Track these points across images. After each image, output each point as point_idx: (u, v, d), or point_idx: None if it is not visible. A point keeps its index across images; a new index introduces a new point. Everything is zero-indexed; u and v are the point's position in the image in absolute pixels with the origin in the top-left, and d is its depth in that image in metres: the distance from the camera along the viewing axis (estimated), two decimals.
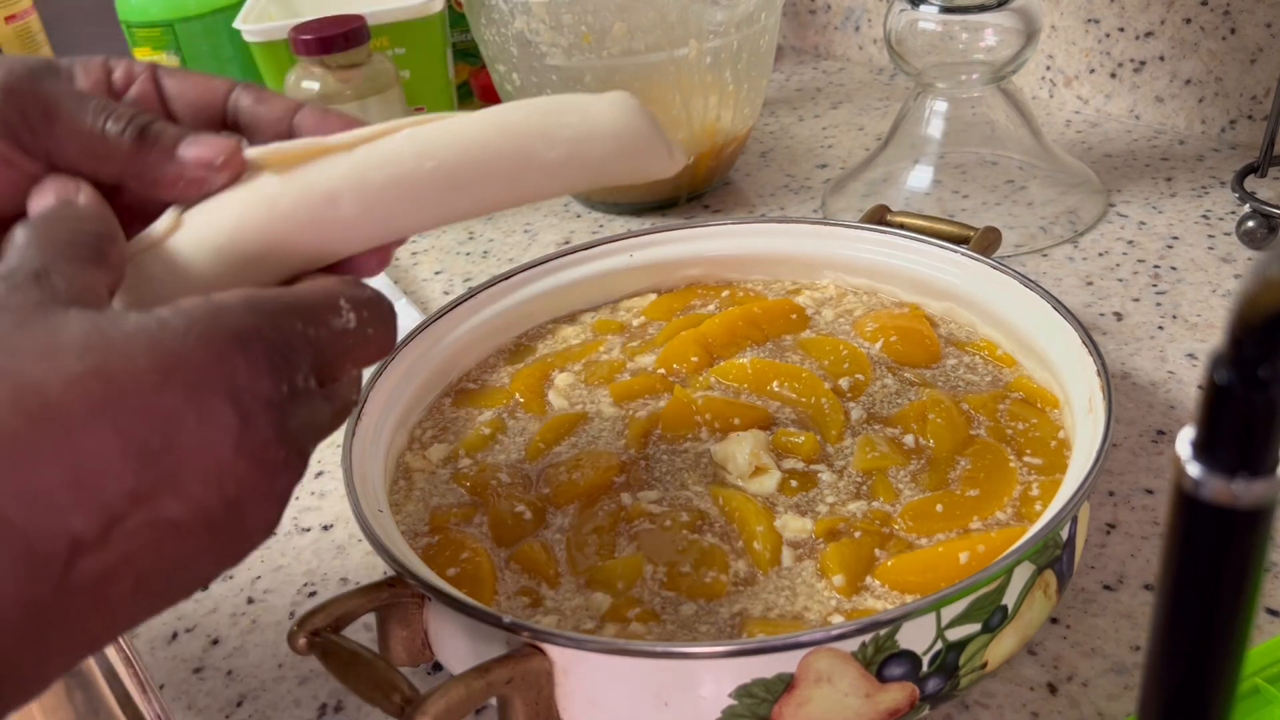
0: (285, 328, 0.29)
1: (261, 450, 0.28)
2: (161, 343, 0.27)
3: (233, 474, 0.27)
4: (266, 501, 0.29)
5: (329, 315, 0.31)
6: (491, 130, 0.35)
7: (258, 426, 0.28)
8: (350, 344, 0.32)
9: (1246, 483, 0.19)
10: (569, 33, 0.72)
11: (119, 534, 0.26)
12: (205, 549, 0.28)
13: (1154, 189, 0.76)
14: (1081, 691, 0.41)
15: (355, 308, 0.32)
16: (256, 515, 0.29)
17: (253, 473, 0.28)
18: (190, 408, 0.26)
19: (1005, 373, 0.52)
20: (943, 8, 0.69)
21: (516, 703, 0.37)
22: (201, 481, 0.27)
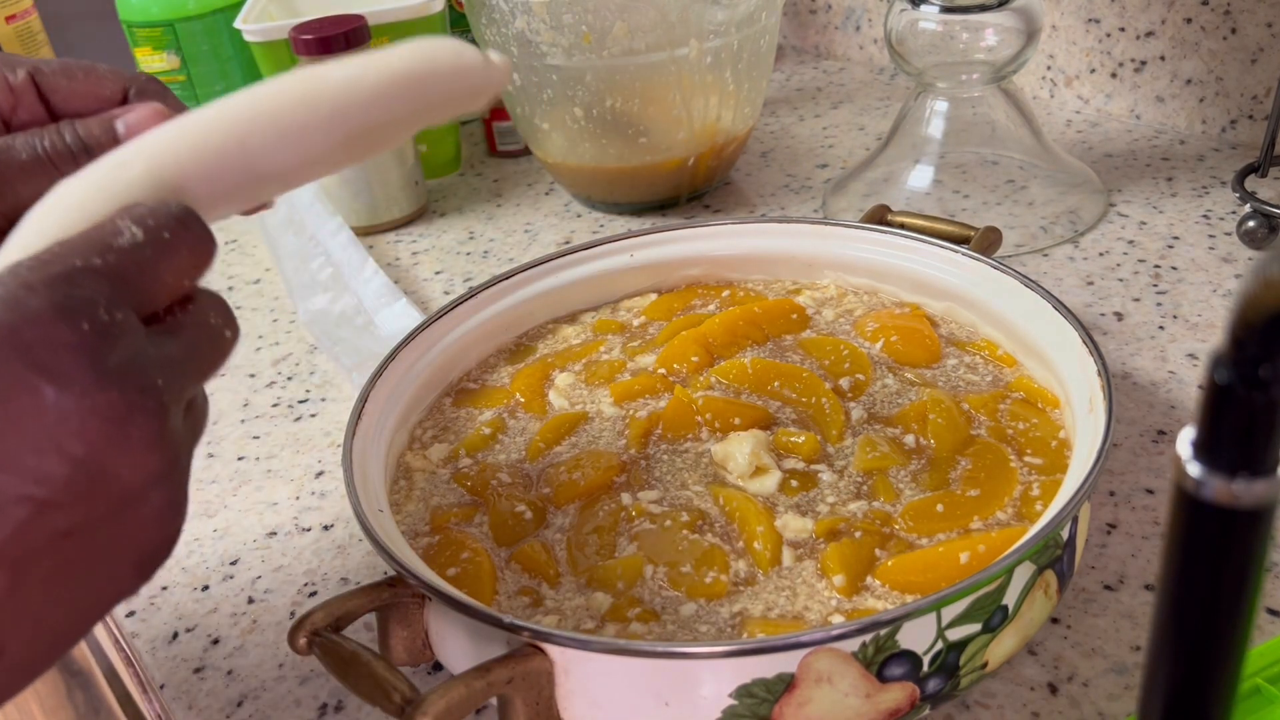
0: (64, 268, 0.27)
1: (84, 399, 0.26)
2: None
3: (65, 432, 0.26)
4: (131, 450, 0.27)
5: (108, 238, 0.29)
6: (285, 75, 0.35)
7: (68, 377, 0.26)
8: (149, 255, 0.29)
9: (1247, 482, 0.19)
10: (569, 32, 0.72)
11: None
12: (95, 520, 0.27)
13: (1154, 189, 0.76)
14: (1082, 691, 0.41)
15: (137, 221, 0.30)
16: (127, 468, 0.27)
17: (87, 425, 0.26)
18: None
19: (1006, 372, 0.52)
20: (943, 7, 0.69)
21: (517, 703, 0.37)
22: (33, 451, 0.25)
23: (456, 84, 0.37)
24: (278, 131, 0.34)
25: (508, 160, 0.96)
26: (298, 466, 0.60)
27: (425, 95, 0.36)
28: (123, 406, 0.27)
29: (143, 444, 0.27)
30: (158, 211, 0.30)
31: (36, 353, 0.26)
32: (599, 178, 0.80)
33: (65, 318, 0.26)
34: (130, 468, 0.27)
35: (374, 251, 0.82)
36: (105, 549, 0.27)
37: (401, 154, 0.84)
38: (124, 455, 0.27)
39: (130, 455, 0.27)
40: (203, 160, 0.33)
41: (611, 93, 0.74)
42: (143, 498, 0.28)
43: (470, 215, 0.87)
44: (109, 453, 0.26)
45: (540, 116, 0.79)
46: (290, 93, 0.34)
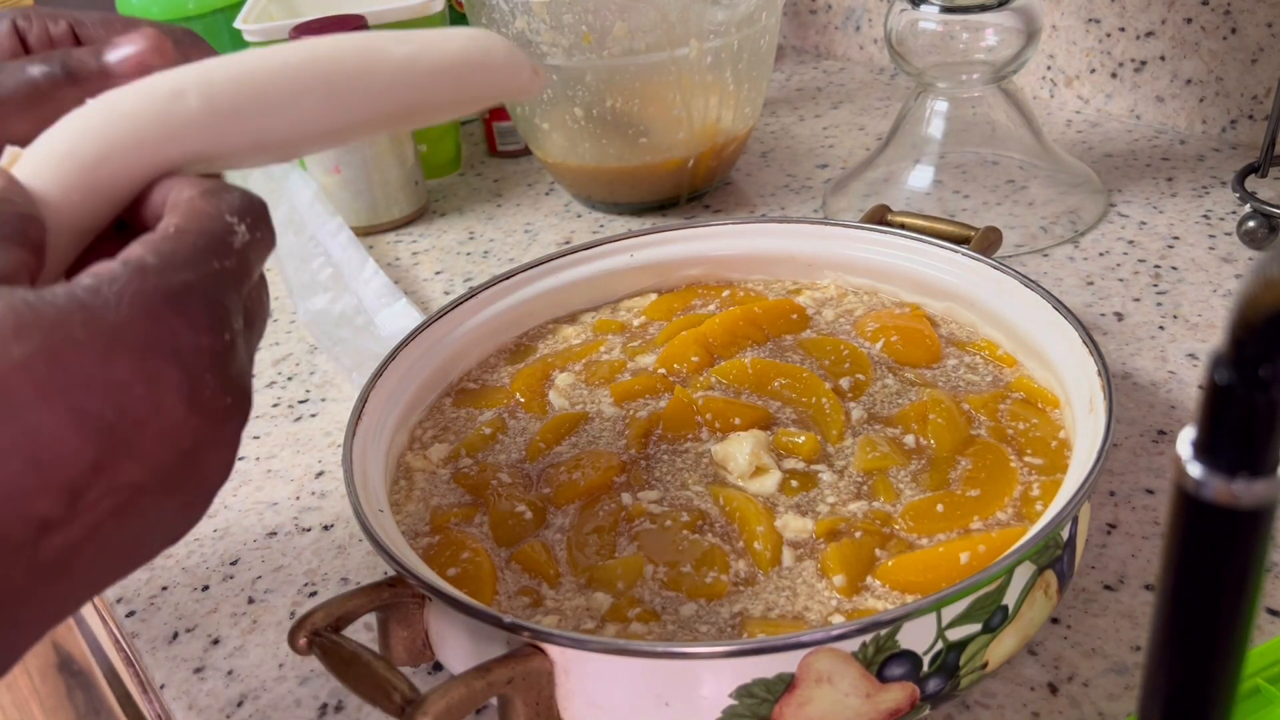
0: (206, 273, 0.29)
1: (210, 403, 0.28)
2: (98, 315, 0.27)
3: (186, 429, 0.28)
4: (219, 448, 0.29)
5: (229, 238, 0.30)
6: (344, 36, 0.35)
7: (205, 382, 0.28)
8: (253, 257, 0.31)
9: (1247, 483, 0.19)
10: (570, 32, 0.72)
11: (83, 506, 0.26)
12: (166, 504, 0.28)
13: (1155, 189, 0.76)
14: (1082, 691, 0.41)
15: (239, 216, 0.31)
16: (212, 463, 0.29)
17: (204, 425, 0.28)
18: (138, 376, 0.27)
19: (1006, 373, 0.52)
20: (943, 7, 0.69)
21: (517, 703, 0.37)
22: (157, 442, 0.27)
23: (503, 84, 0.37)
24: (331, 95, 0.34)
25: (508, 160, 0.96)
26: (298, 466, 0.60)
27: (473, 88, 0.36)
28: (231, 410, 0.29)
29: (229, 441, 0.29)
30: (251, 206, 0.31)
31: (186, 356, 0.28)
32: (599, 178, 0.80)
33: (214, 327, 0.28)
34: (215, 462, 0.29)
35: (374, 251, 0.82)
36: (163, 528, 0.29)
37: (401, 154, 0.84)
38: (215, 451, 0.29)
39: (219, 451, 0.29)
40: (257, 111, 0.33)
41: (611, 93, 0.74)
42: (208, 485, 0.30)
43: (470, 215, 0.87)
44: (207, 448, 0.29)
45: (540, 116, 0.79)
46: (350, 58, 0.34)
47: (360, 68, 0.34)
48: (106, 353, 0.26)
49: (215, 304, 0.29)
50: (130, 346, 0.27)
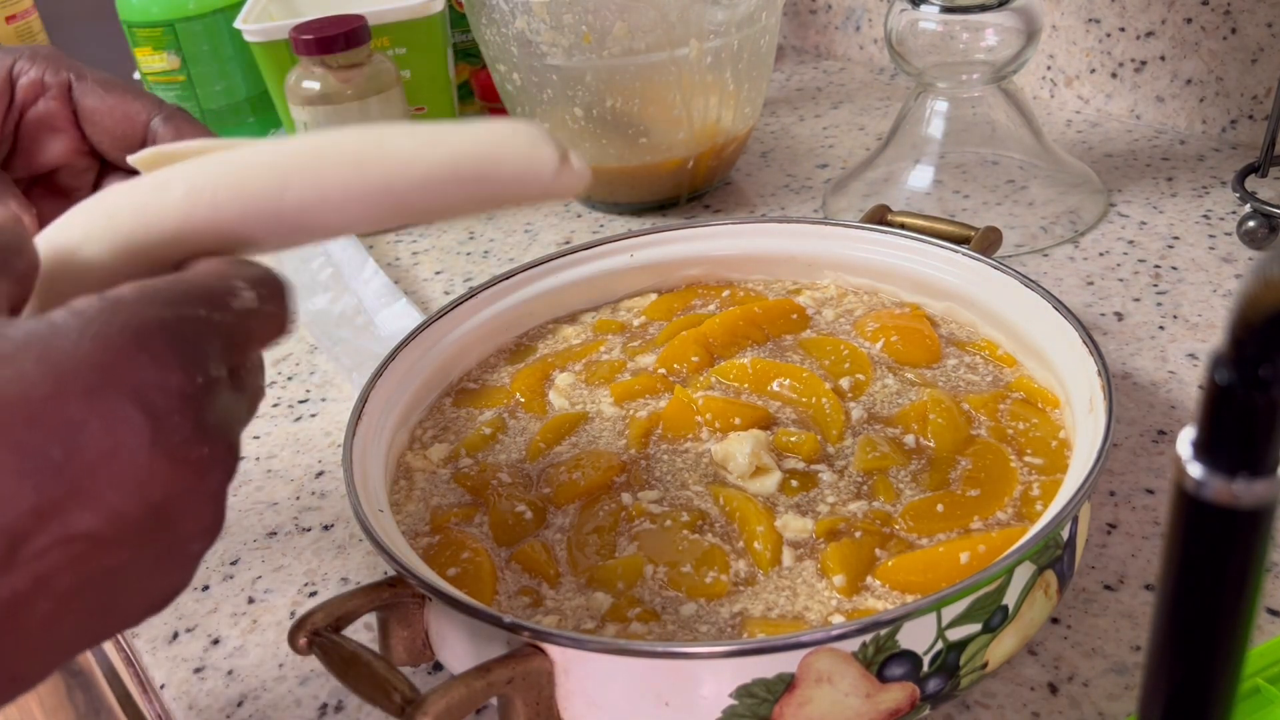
0: (188, 315, 0.27)
1: (181, 449, 0.26)
2: (53, 348, 0.25)
3: (153, 478, 0.26)
4: (199, 502, 0.27)
5: (228, 297, 0.29)
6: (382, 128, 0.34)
7: (172, 424, 0.26)
8: (254, 325, 0.30)
9: (1247, 483, 0.19)
10: (570, 32, 0.72)
11: (25, 555, 0.24)
12: (138, 560, 0.26)
13: (1155, 189, 0.76)
14: (1082, 691, 0.41)
15: (252, 286, 0.30)
16: (190, 518, 0.27)
17: (176, 474, 0.26)
18: (91, 413, 0.25)
19: (1006, 373, 0.52)
20: (943, 7, 0.69)
21: (517, 703, 0.37)
22: (117, 489, 0.25)
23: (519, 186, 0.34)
24: (319, 189, 0.33)
25: None
26: (298, 466, 0.60)
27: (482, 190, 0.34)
28: (209, 461, 0.27)
29: (211, 496, 0.28)
30: (268, 281, 0.30)
31: (149, 395, 0.26)
32: (599, 178, 0.80)
33: (185, 368, 0.26)
34: (194, 518, 0.27)
35: (374, 251, 0.82)
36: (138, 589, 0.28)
37: None
38: (194, 506, 0.27)
39: (198, 507, 0.27)
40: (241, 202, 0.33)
41: (611, 93, 0.74)
42: (187, 546, 0.28)
43: (470, 215, 0.87)
44: (183, 502, 0.27)
45: (540, 116, 0.79)
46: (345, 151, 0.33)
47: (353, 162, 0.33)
48: (55, 387, 0.24)
49: (186, 343, 0.27)
50: (83, 381, 0.25)
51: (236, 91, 0.99)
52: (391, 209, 0.34)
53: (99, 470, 0.25)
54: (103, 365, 0.25)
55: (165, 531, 0.27)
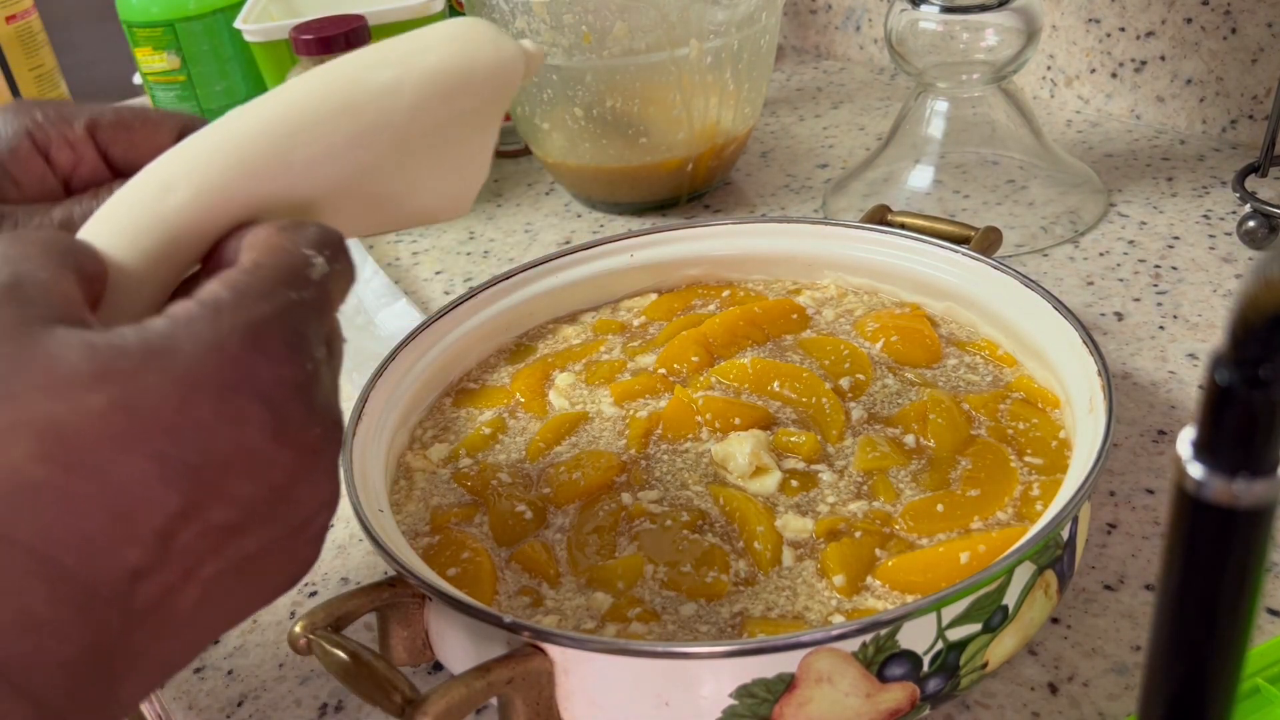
0: (283, 304, 0.28)
1: (299, 435, 0.27)
2: (174, 359, 0.26)
3: (276, 465, 0.27)
4: (315, 481, 0.29)
5: (306, 270, 0.30)
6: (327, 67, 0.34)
7: (289, 414, 0.27)
8: (333, 289, 0.30)
9: (1247, 483, 0.19)
10: (570, 32, 0.72)
11: (175, 552, 0.26)
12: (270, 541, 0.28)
13: (1155, 189, 0.76)
14: (1082, 691, 0.41)
15: (317, 249, 0.30)
16: (310, 495, 0.29)
17: (295, 459, 0.28)
18: (220, 417, 0.26)
19: (1006, 372, 0.52)
20: (943, 7, 0.69)
21: (517, 703, 0.37)
22: (247, 480, 0.27)
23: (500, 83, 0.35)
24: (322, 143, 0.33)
25: (508, 160, 0.96)
26: None
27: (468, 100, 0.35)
28: (321, 441, 0.28)
29: (327, 474, 0.29)
30: (328, 239, 0.31)
31: (268, 391, 0.27)
32: (599, 178, 0.80)
33: (294, 359, 0.28)
34: (312, 495, 0.29)
35: (374, 251, 0.82)
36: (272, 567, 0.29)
37: None
38: (311, 484, 0.29)
39: (316, 485, 0.29)
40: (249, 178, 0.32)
41: (611, 93, 0.74)
42: (312, 521, 0.29)
43: (470, 215, 0.87)
44: (302, 482, 0.28)
45: (540, 116, 0.79)
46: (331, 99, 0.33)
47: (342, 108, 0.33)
48: (185, 396, 0.26)
49: (293, 334, 0.28)
50: (208, 387, 0.26)
51: (236, 91, 0.99)
52: (392, 145, 0.34)
53: (231, 467, 0.26)
54: (222, 371, 0.26)
55: (291, 511, 0.28)
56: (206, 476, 0.26)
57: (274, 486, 0.27)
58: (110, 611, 0.25)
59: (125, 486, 0.25)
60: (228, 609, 0.29)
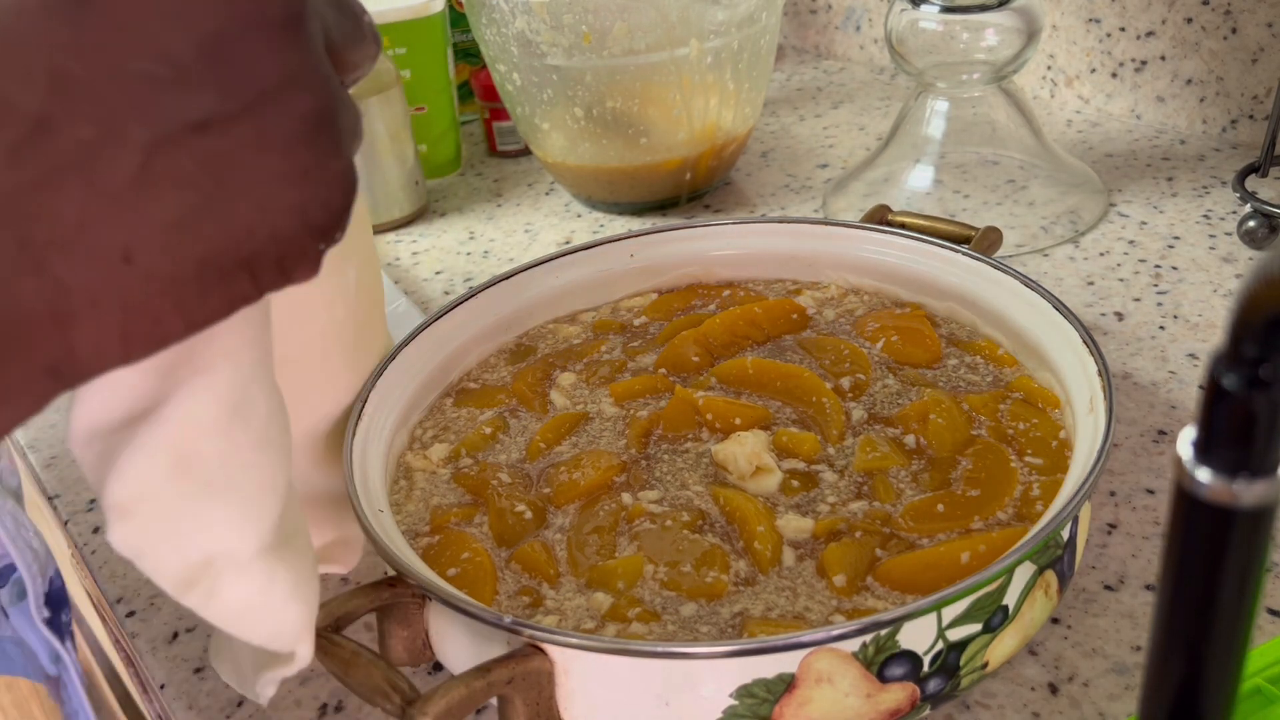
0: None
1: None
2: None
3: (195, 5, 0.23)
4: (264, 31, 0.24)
5: None
6: None
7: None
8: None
9: (1247, 483, 0.19)
10: (570, 32, 0.72)
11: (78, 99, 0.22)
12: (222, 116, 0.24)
13: (1155, 189, 0.76)
14: (1083, 691, 0.41)
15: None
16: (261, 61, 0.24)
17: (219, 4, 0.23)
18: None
19: (1006, 373, 0.52)
20: (944, 7, 0.69)
21: (517, 703, 0.37)
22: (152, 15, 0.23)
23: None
24: None
25: (508, 160, 0.96)
26: None
27: None
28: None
29: (283, 29, 0.25)
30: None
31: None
32: (599, 178, 0.80)
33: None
34: (268, 54, 0.24)
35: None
36: (245, 156, 0.24)
37: (401, 154, 0.84)
38: (259, 38, 0.24)
39: (268, 40, 0.24)
40: None
41: (611, 93, 0.74)
42: (280, 98, 0.24)
43: (470, 215, 0.87)
44: (243, 32, 0.24)
45: (540, 116, 0.79)
46: None
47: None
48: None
49: None
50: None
51: None
52: None
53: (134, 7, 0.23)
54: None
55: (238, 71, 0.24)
56: (97, 5, 0.23)
57: (199, 32, 0.23)
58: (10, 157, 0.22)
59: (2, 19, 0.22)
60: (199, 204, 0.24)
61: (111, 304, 0.23)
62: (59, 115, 0.22)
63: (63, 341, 0.23)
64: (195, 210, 0.24)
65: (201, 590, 0.30)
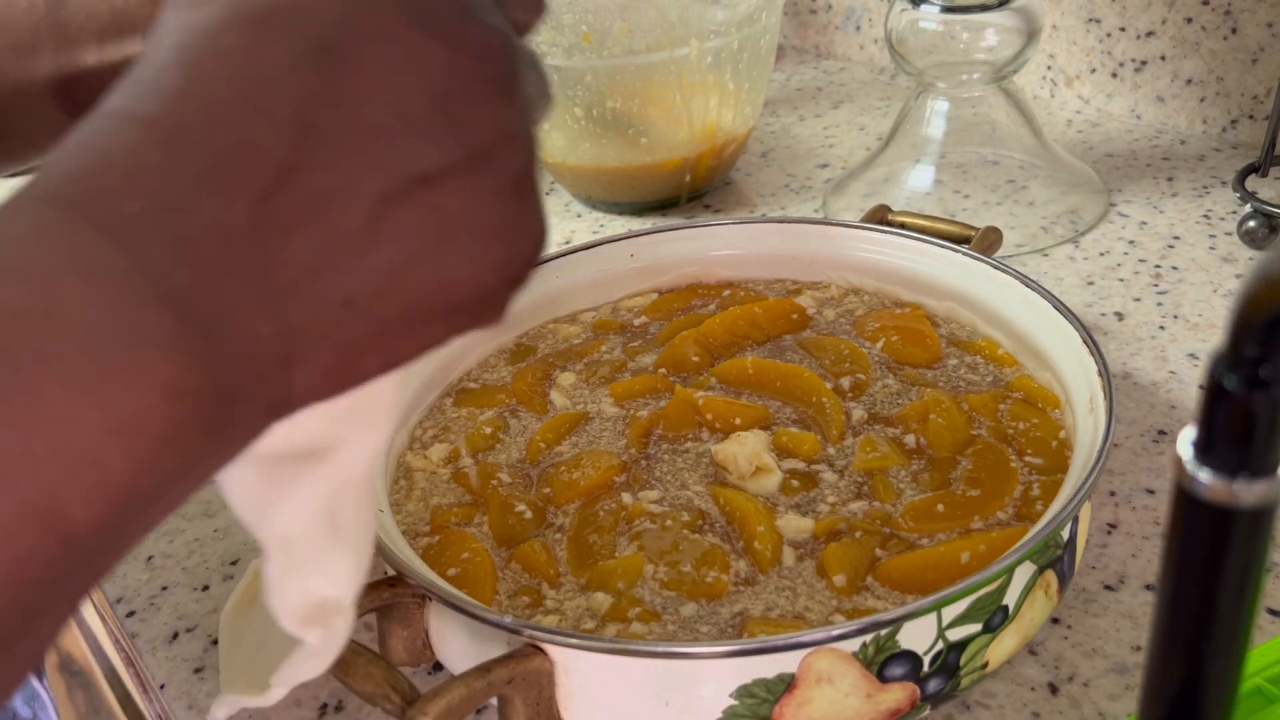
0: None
1: (447, 27, 0.25)
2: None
3: (424, 57, 0.24)
4: (491, 97, 0.25)
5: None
6: None
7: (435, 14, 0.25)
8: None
9: (1247, 483, 0.19)
10: (569, 32, 0.72)
11: (321, 148, 0.23)
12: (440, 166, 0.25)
13: (1155, 189, 0.76)
14: (1083, 691, 0.41)
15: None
16: (483, 115, 0.25)
17: (451, 56, 0.25)
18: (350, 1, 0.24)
19: (1006, 372, 0.52)
20: (944, 7, 0.69)
21: (517, 703, 0.37)
22: (387, 67, 0.24)
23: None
24: None
25: None
26: None
27: None
28: (483, 43, 0.26)
29: (504, 95, 0.26)
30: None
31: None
32: (599, 178, 0.80)
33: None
34: (487, 116, 0.26)
35: None
36: (462, 214, 0.26)
37: None
38: (484, 100, 0.25)
39: (491, 104, 0.26)
40: None
41: (611, 93, 0.74)
42: (494, 154, 0.26)
43: None
44: (467, 91, 0.25)
45: None
46: None
47: None
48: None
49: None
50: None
51: None
52: None
53: (366, 49, 0.24)
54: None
55: (462, 131, 0.25)
56: (343, 59, 0.24)
57: (430, 90, 0.24)
58: (241, 196, 0.23)
59: (254, 67, 0.23)
60: (415, 254, 0.25)
61: (328, 346, 0.24)
62: (302, 164, 0.23)
63: (285, 381, 0.24)
64: (412, 258, 0.25)
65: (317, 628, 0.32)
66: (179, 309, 0.22)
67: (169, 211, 0.22)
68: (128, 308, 0.21)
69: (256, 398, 0.23)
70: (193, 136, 0.23)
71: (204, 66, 0.23)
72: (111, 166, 0.22)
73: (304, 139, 0.23)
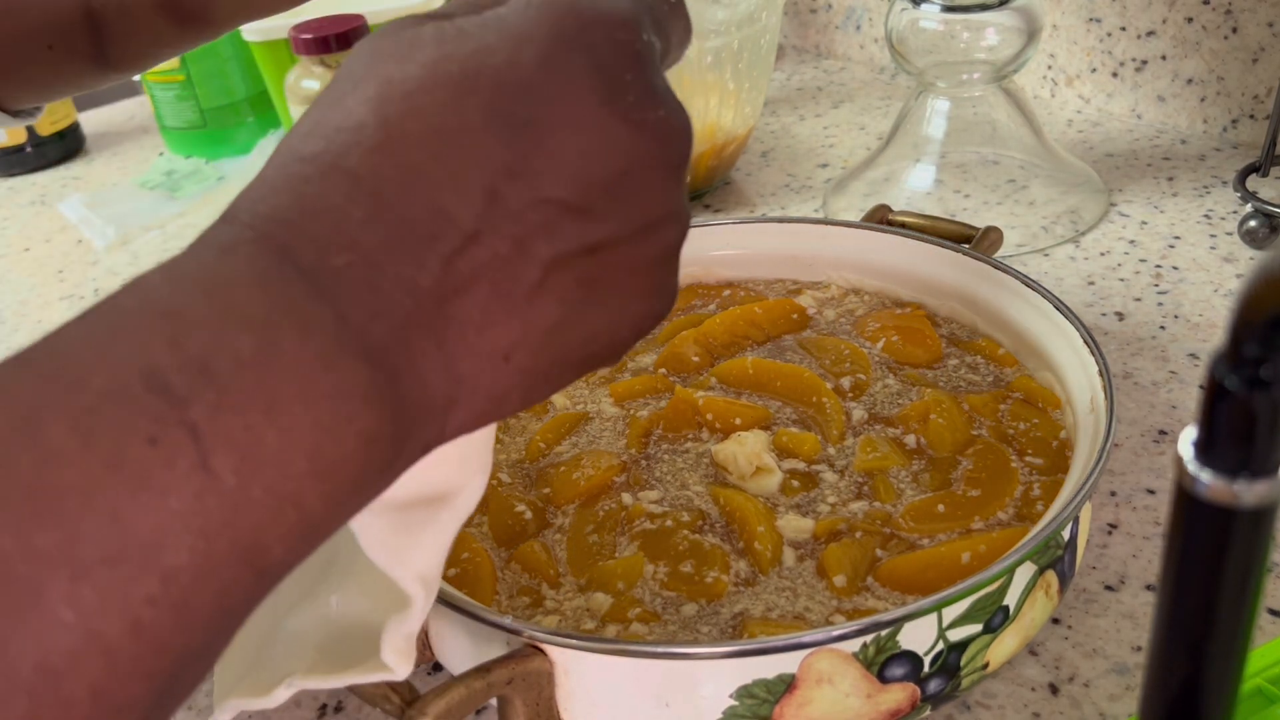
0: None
1: (636, 110, 0.26)
2: (507, 21, 0.26)
3: (612, 140, 0.26)
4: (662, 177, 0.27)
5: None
6: None
7: (620, 81, 0.26)
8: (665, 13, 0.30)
9: (1248, 483, 0.19)
10: None
11: (503, 213, 0.25)
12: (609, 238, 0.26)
13: (1156, 188, 0.76)
14: (1083, 692, 0.41)
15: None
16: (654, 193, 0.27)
17: (634, 137, 0.26)
18: (545, 68, 0.25)
19: (1007, 372, 0.52)
20: (944, 7, 0.69)
21: (517, 703, 0.37)
22: (577, 148, 0.26)
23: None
24: None
25: None
26: None
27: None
28: (665, 127, 0.27)
29: (672, 174, 0.27)
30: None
31: (601, 53, 0.26)
32: None
33: (628, 25, 0.27)
34: (657, 194, 0.27)
35: None
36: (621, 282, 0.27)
37: None
38: (656, 180, 0.27)
39: (662, 184, 0.27)
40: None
41: None
42: (659, 230, 0.28)
43: None
44: (642, 171, 0.27)
45: None
46: None
47: None
48: (512, 49, 0.25)
49: (628, 4, 0.27)
50: (536, 39, 0.26)
51: (236, 91, 0.99)
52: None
53: (560, 128, 0.25)
54: (550, 24, 0.26)
55: (632, 206, 0.27)
56: (534, 135, 0.25)
57: (611, 169, 0.26)
58: (431, 257, 0.24)
59: (450, 133, 0.25)
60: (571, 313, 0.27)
61: (484, 395, 0.26)
62: (486, 231, 0.25)
63: (443, 424, 0.26)
64: (567, 319, 0.27)
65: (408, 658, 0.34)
66: (374, 361, 0.23)
67: (369, 267, 0.24)
68: (334, 361, 0.23)
69: (421, 439, 0.25)
70: (391, 196, 0.24)
71: (404, 125, 0.25)
72: (319, 216, 0.24)
73: (489, 208, 0.25)
